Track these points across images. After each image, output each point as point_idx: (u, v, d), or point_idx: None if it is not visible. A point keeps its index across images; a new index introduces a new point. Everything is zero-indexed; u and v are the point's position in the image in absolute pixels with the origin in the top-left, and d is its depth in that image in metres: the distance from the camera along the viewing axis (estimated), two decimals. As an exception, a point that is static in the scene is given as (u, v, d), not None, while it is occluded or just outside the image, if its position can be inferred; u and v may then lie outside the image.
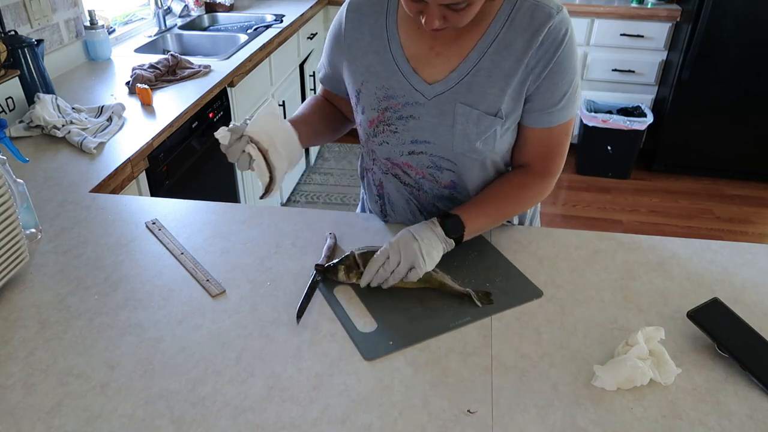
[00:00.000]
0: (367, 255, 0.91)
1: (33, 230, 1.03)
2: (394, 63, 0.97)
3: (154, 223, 1.07)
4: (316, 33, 3.27)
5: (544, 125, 0.96)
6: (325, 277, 0.93)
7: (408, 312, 0.87)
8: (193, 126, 1.82)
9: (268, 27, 2.65)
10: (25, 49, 1.63)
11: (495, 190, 1.01)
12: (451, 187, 1.05)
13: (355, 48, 1.00)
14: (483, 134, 0.95)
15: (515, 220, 1.16)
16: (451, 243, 0.92)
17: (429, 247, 0.89)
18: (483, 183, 1.05)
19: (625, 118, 3.18)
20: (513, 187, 1.01)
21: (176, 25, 2.77)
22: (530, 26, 0.88)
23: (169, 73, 1.98)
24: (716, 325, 0.81)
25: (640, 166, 3.47)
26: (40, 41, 1.73)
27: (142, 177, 1.52)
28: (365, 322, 0.85)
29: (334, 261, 0.93)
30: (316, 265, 0.95)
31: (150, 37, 2.53)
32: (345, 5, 1.01)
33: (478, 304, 0.88)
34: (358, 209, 1.32)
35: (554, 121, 0.95)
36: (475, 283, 0.93)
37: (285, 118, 2.64)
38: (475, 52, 0.92)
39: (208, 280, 0.93)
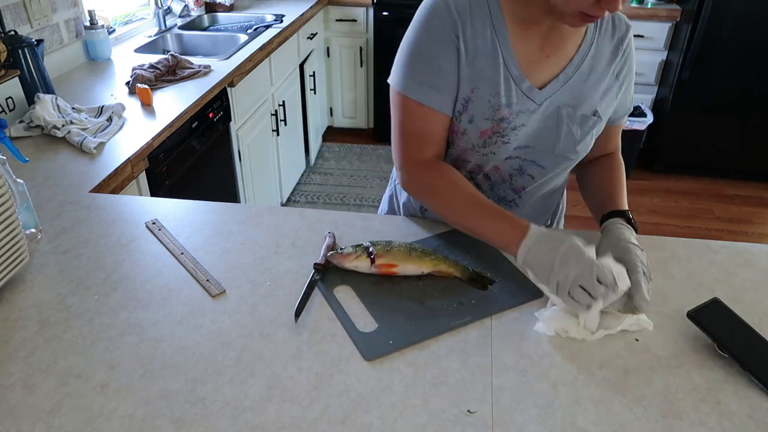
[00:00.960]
0: (387, 247, 0.93)
1: (33, 230, 1.03)
2: (506, 68, 0.91)
3: (154, 223, 1.07)
4: (316, 33, 3.27)
5: (623, 121, 1.09)
6: (325, 276, 0.94)
7: (408, 312, 0.87)
8: (193, 126, 1.82)
9: (268, 27, 2.65)
10: (25, 49, 1.63)
11: (614, 176, 1.06)
12: (518, 192, 1.07)
13: (470, 51, 0.90)
14: (585, 135, 0.99)
15: (546, 218, 1.19)
16: (630, 230, 0.95)
17: None
18: (550, 190, 1.10)
19: (625, 118, 3.18)
20: (620, 170, 1.08)
21: (176, 25, 2.77)
22: (614, 34, 0.96)
23: (169, 73, 1.98)
24: (716, 325, 0.81)
25: (640, 166, 3.47)
26: (40, 41, 1.73)
27: (142, 177, 1.52)
28: (365, 322, 0.85)
29: (345, 248, 0.94)
30: (315, 264, 0.95)
31: (150, 37, 2.53)
32: (444, 7, 0.89)
33: (489, 279, 0.92)
34: (383, 209, 1.30)
35: (627, 114, 1.08)
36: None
37: (280, 120, 2.55)
38: (578, 57, 0.95)
39: (208, 280, 0.93)
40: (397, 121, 0.96)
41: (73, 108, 1.61)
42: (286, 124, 2.77)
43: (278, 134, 2.68)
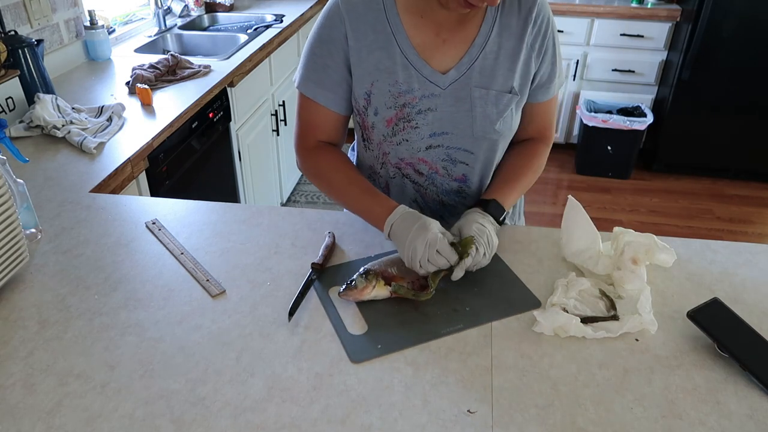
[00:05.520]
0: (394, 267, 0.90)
1: (33, 230, 1.03)
2: (403, 56, 0.95)
3: (154, 223, 1.07)
4: (316, 33, 3.27)
5: (546, 98, 1.04)
6: (322, 276, 0.93)
7: (401, 316, 0.86)
8: (193, 126, 1.82)
9: (268, 27, 2.65)
10: (25, 49, 1.63)
11: (513, 165, 1.06)
12: (461, 181, 1.08)
13: (359, 49, 0.95)
14: (502, 113, 0.99)
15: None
16: (497, 227, 0.96)
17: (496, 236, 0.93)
18: (491, 171, 1.09)
19: (625, 118, 3.18)
20: (528, 159, 1.07)
21: (176, 25, 2.77)
22: (521, 7, 0.95)
23: (169, 73, 1.98)
24: (716, 325, 0.81)
25: (640, 166, 3.47)
26: (40, 41, 1.73)
27: (142, 177, 1.52)
28: (356, 325, 0.85)
29: (356, 279, 0.86)
30: (313, 264, 0.95)
31: (150, 37, 2.53)
32: (335, 8, 0.95)
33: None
34: None
35: (552, 93, 1.04)
36: (471, 290, 0.92)
37: (279, 120, 2.52)
38: (480, 37, 0.95)
39: (208, 280, 0.93)
40: (296, 112, 1.06)
41: (73, 108, 1.61)
42: (286, 124, 2.77)
43: (278, 134, 2.68)
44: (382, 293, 0.87)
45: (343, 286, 0.87)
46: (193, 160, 1.85)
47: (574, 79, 3.39)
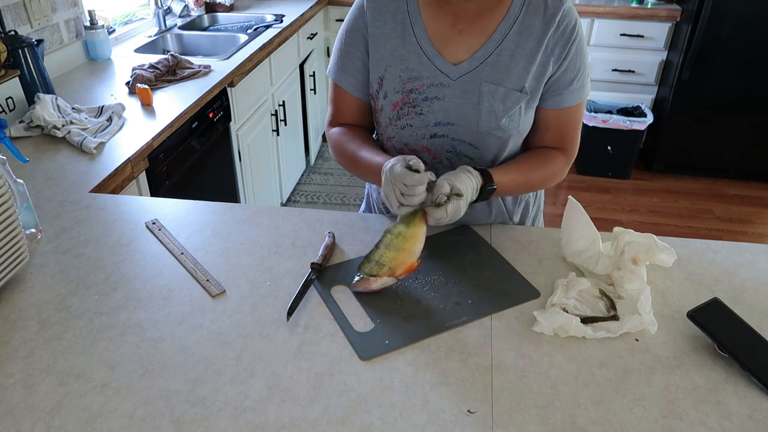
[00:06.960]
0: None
1: (33, 230, 1.02)
2: (417, 45, 0.99)
3: (154, 223, 1.07)
4: (316, 33, 3.27)
5: (563, 105, 1.01)
6: (321, 275, 0.93)
7: (405, 311, 0.87)
8: (193, 126, 1.82)
9: (268, 27, 2.65)
10: (25, 49, 1.63)
11: (522, 157, 1.05)
12: None
13: (377, 36, 1.01)
14: (509, 110, 0.98)
15: (516, 218, 1.16)
16: (477, 175, 0.92)
17: (467, 179, 0.91)
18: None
19: (625, 118, 3.18)
20: (539, 158, 1.05)
21: (176, 25, 2.77)
22: (546, 10, 0.95)
23: (169, 73, 1.98)
24: (716, 325, 0.81)
25: (640, 166, 3.47)
26: (40, 41, 1.73)
27: (142, 177, 1.52)
28: (361, 322, 0.85)
29: (358, 275, 0.89)
30: (312, 264, 0.95)
31: (150, 37, 2.53)
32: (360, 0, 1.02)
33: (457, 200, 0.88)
34: (362, 208, 1.32)
35: (572, 101, 1.01)
36: (471, 283, 0.93)
37: (280, 118, 2.53)
38: (498, 33, 0.96)
39: (208, 280, 0.93)
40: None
41: (73, 108, 1.61)
42: (286, 124, 2.77)
43: (278, 134, 2.68)
44: (390, 281, 0.88)
45: (356, 278, 0.89)
46: (193, 160, 1.85)
47: (574, 79, 3.39)
